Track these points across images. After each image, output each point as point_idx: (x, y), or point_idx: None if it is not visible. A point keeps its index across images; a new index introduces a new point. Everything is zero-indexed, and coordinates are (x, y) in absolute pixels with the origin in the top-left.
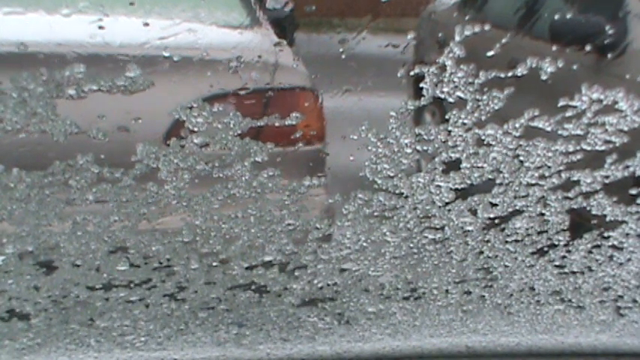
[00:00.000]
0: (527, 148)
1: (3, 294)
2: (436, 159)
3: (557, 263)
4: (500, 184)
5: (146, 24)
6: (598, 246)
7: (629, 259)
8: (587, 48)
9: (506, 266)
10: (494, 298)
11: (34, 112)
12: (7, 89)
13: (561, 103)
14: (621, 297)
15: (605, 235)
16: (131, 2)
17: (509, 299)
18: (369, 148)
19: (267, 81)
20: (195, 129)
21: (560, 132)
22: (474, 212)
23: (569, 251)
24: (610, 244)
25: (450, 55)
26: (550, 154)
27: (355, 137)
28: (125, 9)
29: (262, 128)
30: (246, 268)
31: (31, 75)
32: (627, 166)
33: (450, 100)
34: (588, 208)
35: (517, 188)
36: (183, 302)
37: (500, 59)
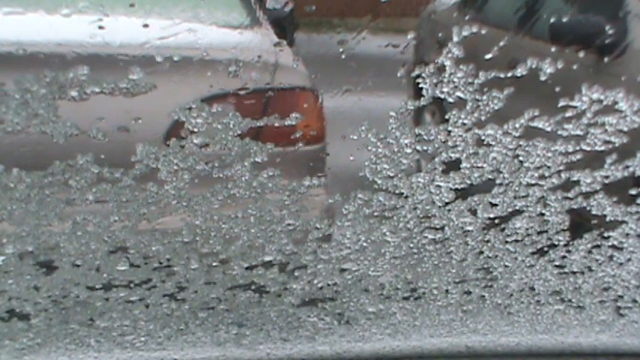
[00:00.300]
0: (527, 149)
1: (3, 294)
2: (436, 159)
3: (557, 263)
4: (500, 184)
5: (146, 25)
6: (598, 246)
7: (629, 259)
8: (587, 48)
9: (506, 266)
10: (494, 298)
11: (36, 114)
12: (10, 90)
13: (561, 104)
14: (621, 297)
15: (605, 235)
16: (131, 4)
17: (509, 299)
18: (369, 148)
19: (267, 81)
20: (195, 129)
21: (560, 132)
22: (474, 212)
23: (569, 251)
24: (610, 244)
25: (449, 55)
26: (550, 155)
27: (355, 137)
28: (125, 9)
29: (262, 128)
30: (246, 268)
31: (35, 76)
32: (627, 166)
33: (450, 100)
34: (588, 208)
35: (517, 188)
36: (183, 302)
37: (500, 59)
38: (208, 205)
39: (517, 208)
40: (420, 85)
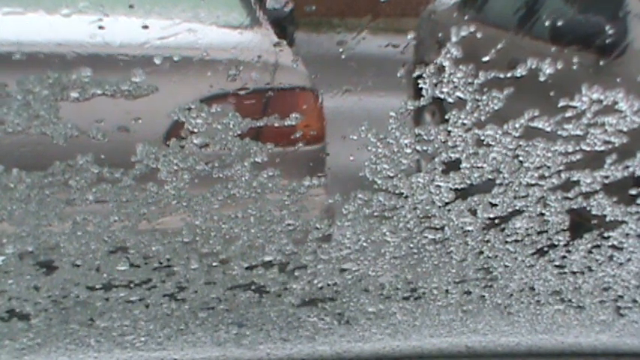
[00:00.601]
0: (526, 149)
1: (3, 294)
2: (436, 159)
3: (557, 263)
4: (500, 184)
5: (145, 26)
6: (598, 246)
7: (629, 259)
8: (587, 48)
9: (506, 266)
10: (494, 298)
11: (37, 115)
12: (13, 91)
13: (561, 104)
14: (621, 297)
15: (605, 235)
16: (130, 5)
17: (509, 299)
18: (369, 148)
19: (267, 81)
20: (195, 129)
21: (560, 132)
22: (473, 212)
23: (569, 251)
24: (610, 244)
25: (448, 55)
26: (550, 155)
27: (355, 137)
28: (125, 9)
29: (262, 128)
30: (246, 268)
31: (37, 77)
32: (627, 166)
33: (450, 100)
34: (588, 208)
35: (517, 188)
36: (183, 302)
37: (500, 59)
38: (208, 205)
39: (517, 208)
40: (420, 85)
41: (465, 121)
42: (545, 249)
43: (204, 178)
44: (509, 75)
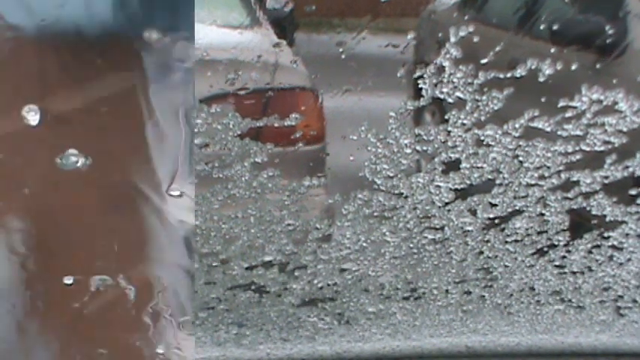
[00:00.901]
0: (526, 149)
1: None
2: (436, 159)
3: (557, 263)
4: (500, 184)
5: None
6: (598, 246)
7: (629, 259)
8: (587, 48)
9: (506, 266)
10: (494, 298)
11: None
12: None
13: (561, 104)
14: (621, 297)
15: (605, 235)
16: None
17: (509, 299)
18: (369, 148)
19: (267, 81)
20: (195, 130)
21: (560, 132)
22: (473, 212)
23: (569, 251)
24: (610, 244)
25: (448, 55)
26: (550, 155)
27: (355, 137)
28: None
29: (262, 128)
30: (246, 268)
31: None
32: (627, 166)
33: (450, 100)
34: (588, 208)
35: (517, 188)
36: None
37: (500, 59)
38: (208, 205)
39: (517, 208)
40: (420, 85)
41: (465, 121)
42: (545, 249)
43: (204, 178)
44: (509, 75)
